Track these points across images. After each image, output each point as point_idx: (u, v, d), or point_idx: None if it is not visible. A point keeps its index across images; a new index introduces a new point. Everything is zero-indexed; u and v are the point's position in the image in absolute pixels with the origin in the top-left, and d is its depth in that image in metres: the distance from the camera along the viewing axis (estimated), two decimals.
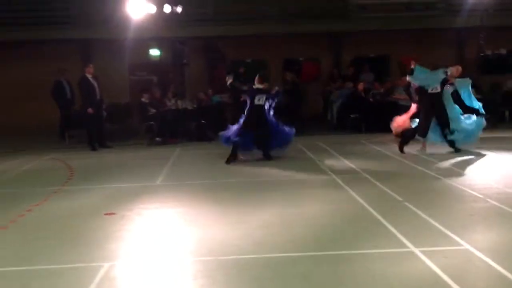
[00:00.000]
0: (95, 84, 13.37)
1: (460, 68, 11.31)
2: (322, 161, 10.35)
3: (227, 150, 10.72)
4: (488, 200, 6.95)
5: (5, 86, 17.97)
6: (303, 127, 14.97)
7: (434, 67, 11.25)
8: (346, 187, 7.96)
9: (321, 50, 19.18)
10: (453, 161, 10.10)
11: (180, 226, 6.31)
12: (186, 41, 17.72)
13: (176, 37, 17.23)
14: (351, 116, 15.05)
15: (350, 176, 8.78)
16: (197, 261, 5.06)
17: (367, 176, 8.74)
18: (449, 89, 10.91)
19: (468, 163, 9.83)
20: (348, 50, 18.99)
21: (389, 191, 7.64)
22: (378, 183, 8.15)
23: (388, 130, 12.14)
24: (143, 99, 14.48)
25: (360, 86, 15.34)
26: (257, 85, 10.87)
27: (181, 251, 5.38)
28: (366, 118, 14.85)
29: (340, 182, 8.39)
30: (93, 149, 13.08)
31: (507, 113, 15.91)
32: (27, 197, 7.99)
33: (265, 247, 5.40)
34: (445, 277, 4.46)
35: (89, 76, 13.34)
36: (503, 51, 18.20)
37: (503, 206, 6.61)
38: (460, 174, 8.78)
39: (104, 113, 13.94)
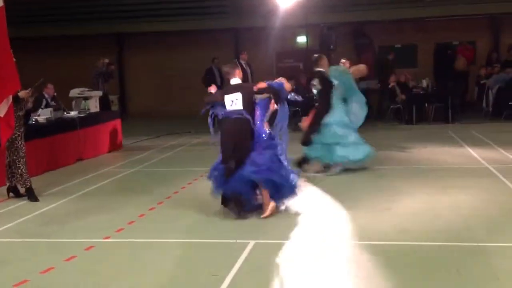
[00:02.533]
0: (248, 70, 13.97)
1: (362, 69, 9.40)
2: (475, 149, 9.78)
3: (379, 136, 10.48)
4: None
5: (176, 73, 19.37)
6: (456, 114, 14.33)
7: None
8: (502, 178, 7.46)
9: (478, 33, 18.01)
10: None
11: (328, 210, 6.34)
12: (334, 27, 17.62)
13: (323, 23, 17.20)
14: (510, 103, 13.98)
15: (506, 166, 8.22)
16: (343, 245, 5.07)
17: None
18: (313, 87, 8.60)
19: None
20: (509, 32, 17.61)
21: None
22: None
23: None
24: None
25: None
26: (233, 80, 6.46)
27: (329, 235, 5.40)
28: None
29: (495, 172, 7.88)
30: None
31: None
32: (185, 175, 8.55)
33: (413, 235, 5.27)
34: None
35: (243, 63, 13.95)
36: None
37: None
38: None
39: None
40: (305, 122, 8.49)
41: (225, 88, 6.55)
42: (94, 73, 14.20)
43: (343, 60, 9.33)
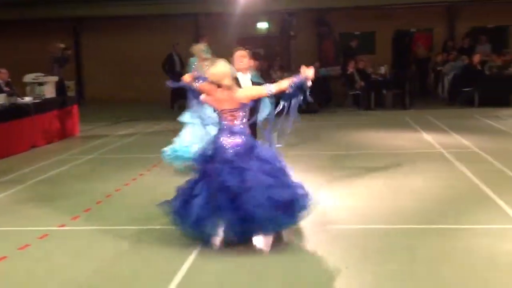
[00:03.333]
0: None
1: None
2: (431, 135, 9.99)
3: (338, 120, 10.63)
4: None
5: (125, 59, 19.04)
6: (413, 100, 14.59)
7: None
8: (456, 162, 7.65)
9: (435, 20, 18.33)
10: None
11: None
12: (294, 13, 17.66)
13: (284, 9, 17.22)
14: (464, 89, 14.32)
15: (460, 151, 8.43)
16: (304, 230, 5.06)
17: (479, 151, 8.34)
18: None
19: None
20: (464, 20, 17.99)
21: (501, 167, 7.25)
22: (490, 159, 7.75)
23: (504, 104, 11.39)
24: None
25: (476, 58, 14.52)
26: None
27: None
28: (480, 91, 14.06)
29: (449, 157, 8.07)
30: None
31: None
32: (144, 162, 8.47)
33: (372, 218, 5.37)
34: None
35: None
36: None
37: None
38: None
39: None
40: None
41: None
42: (50, 58, 13.85)
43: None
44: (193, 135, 7.26)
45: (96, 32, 19.41)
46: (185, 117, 7.43)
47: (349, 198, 6.11)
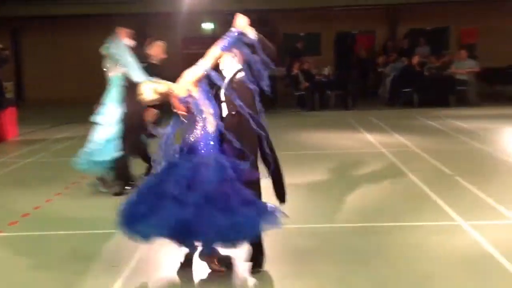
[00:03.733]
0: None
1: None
2: (372, 135, 10.22)
3: (282, 121, 10.71)
4: None
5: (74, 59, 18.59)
6: (355, 101, 14.90)
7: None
8: (397, 161, 7.86)
9: (376, 22, 18.78)
10: (509, 136, 9.80)
11: None
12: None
13: (228, 10, 17.20)
14: (404, 90, 14.74)
15: (400, 150, 8.66)
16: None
17: (418, 150, 8.59)
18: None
19: None
20: (404, 22, 18.51)
21: (439, 165, 7.50)
22: (429, 158, 8.01)
23: (443, 104, 11.79)
24: None
25: (415, 59, 14.96)
26: None
27: None
28: (420, 92, 14.51)
29: (390, 156, 8.28)
30: None
31: None
32: None
33: (312, 218, 5.45)
34: (492, 250, 4.40)
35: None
36: None
37: None
38: None
39: None
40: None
41: None
42: None
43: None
44: (104, 136, 6.54)
45: (36, 32, 18.89)
46: (97, 117, 6.67)
47: (290, 197, 6.16)
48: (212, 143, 3.98)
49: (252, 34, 4.10)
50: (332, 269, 4.18)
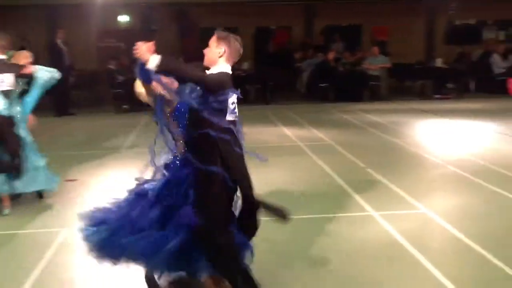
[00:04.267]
0: (65, 49, 13.25)
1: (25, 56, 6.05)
2: (290, 129, 10.37)
3: None
4: (449, 166, 7.08)
5: None
6: (274, 96, 15.07)
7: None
8: (312, 155, 8.02)
9: (293, 18, 19.06)
10: (418, 130, 10.25)
11: None
12: (155, 7, 17.39)
13: (144, 2, 16.89)
14: (320, 85, 15.07)
15: (316, 144, 8.84)
16: None
17: (333, 143, 8.81)
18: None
19: (432, 132, 9.98)
20: (321, 19, 18.91)
21: (353, 158, 7.72)
22: (343, 151, 8.22)
23: (358, 99, 12.14)
24: (110, 66, 14.28)
25: (330, 55, 15.33)
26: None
27: None
28: (335, 87, 14.90)
29: (306, 149, 8.43)
30: (58, 115, 12.99)
31: (472, 83, 16.07)
32: None
33: None
34: (402, 239, 4.57)
35: (59, 41, 13.19)
36: (472, 21, 18.32)
37: (461, 172, 6.75)
38: (424, 142, 8.91)
39: (72, 79, 13.77)
40: None
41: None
42: None
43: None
44: None
45: None
46: None
47: None
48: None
49: (152, 63, 3.16)
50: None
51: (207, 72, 3.42)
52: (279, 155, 8.12)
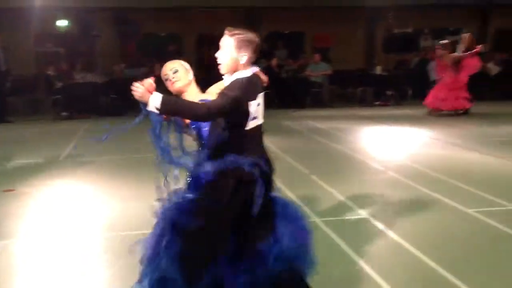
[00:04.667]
0: (1, 54, 12.83)
1: None
2: None
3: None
4: (389, 172, 7.27)
5: None
6: None
7: None
8: None
9: (237, 25, 19.06)
10: (360, 136, 10.48)
11: (83, 202, 6.14)
12: (96, 11, 17.06)
13: (83, 7, 16.52)
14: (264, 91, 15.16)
15: None
16: (99, 237, 4.99)
17: (277, 150, 8.86)
18: None
19: (372, 138, 10.23)
20: (264, 25, 19.04)
21: (297, 165, 7.80)
22: (287, 157, 8.30)
23: (300, 105, 12.28)
24: (49, 72, 13.90)
25: (274, 62, 15.48)
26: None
27: (87, 228, 5.27)
28: (279, 94, 15.04)
29: None
30: None
31: (410, 91, 16.59)
32: None
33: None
34: (342, 244, 4.65)
35: None
36: (409, 30, 18.92)
37: (400, 177, 6.94)
38: (365, 148, 9.11)
39: (8, 85, 13.31)
40: None
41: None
42: None
43: None
44: None
45: None
46: None
47: (147, 202, 6.03)
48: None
49: (152, 105, 2.96)
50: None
51: (224, 79, 3.21)
52: None
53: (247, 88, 3.06)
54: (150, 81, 3.01)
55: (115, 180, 7.09)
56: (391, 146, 9.26)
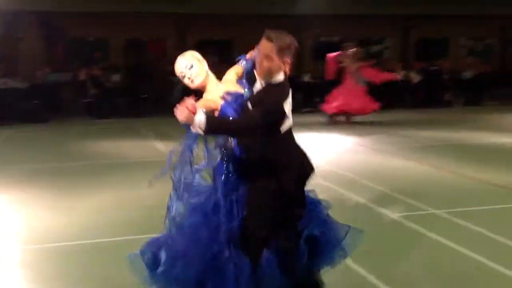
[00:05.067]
0: None
1: None
2: (160, 143, 10.25)
3: (69, 129, 10.15)
4: (318, 178, 7.36)
5: None
6: (146, 108, 14.85)
7: None
8: None
9: (166, 31, 18.93)
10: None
11: (5, 214, 5.88)
12: (19, 14, 16.40)
13: (6, 10, 15.85)
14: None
15: None
16: (22, 249, 4.79)
17: None
18: None
19: (302, 144, 10.37)
20: (194, 32, 18.97)
21: None
22: None
23: None
24: None
25: None
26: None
27: (6, 240, 5.05)
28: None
29: None
30: None
31: None
32: None
33: (96, 232, 5.24)
34: None
35: None
36: (336, 38, 19.40)
37: (330, 185, 7.08)
38: None
39: None
40: None
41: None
42: None
43: None
44: None
45: None
46: None
47: (72, 212, 5.87)
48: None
49: (197, 127, 2.93)
50: (114, 283, 4.05)
51: (257, 81, 3.14)
52: (150, 170, 7.93)
53: (285, 93, 3.11)
54: (191, 102, 2.93)
55: (33, 189, 6.84)
56: (318, 153, 9.44)
